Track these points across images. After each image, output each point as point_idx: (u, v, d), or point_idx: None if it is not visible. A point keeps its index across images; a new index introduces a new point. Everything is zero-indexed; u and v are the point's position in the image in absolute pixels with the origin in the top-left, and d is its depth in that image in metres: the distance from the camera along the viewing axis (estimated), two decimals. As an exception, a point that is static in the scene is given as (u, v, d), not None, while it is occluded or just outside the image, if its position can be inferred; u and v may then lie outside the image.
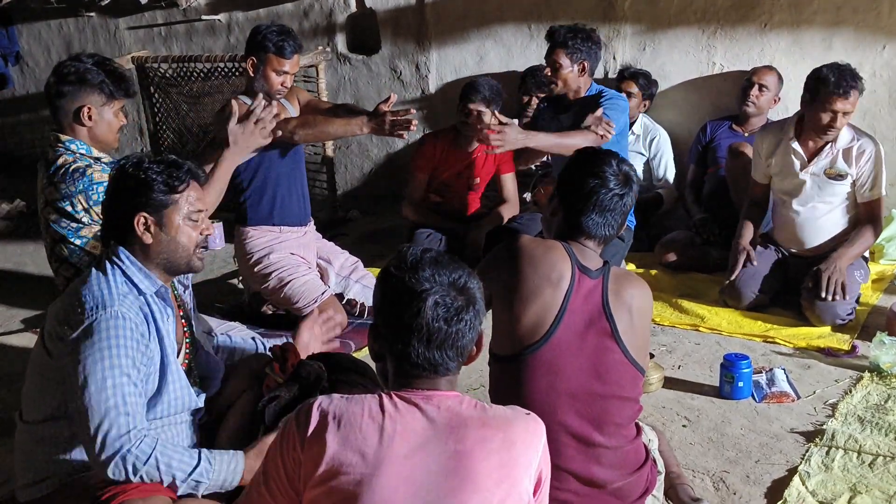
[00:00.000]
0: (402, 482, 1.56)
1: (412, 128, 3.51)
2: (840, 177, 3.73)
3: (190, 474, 2.01)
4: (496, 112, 3.86)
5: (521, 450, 1.64)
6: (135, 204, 2.16)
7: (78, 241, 2.95)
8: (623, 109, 3.95)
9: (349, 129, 3.67)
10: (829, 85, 3.56)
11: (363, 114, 3.67)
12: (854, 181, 3.73)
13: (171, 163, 2.21)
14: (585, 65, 3.96)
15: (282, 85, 3.73)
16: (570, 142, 3.54)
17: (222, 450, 2.14)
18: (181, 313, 2.37)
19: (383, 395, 1.65)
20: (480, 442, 1.60)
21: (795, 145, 3.79)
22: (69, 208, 2.91)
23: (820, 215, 3.81)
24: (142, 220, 2.15)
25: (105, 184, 2.80)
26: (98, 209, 2.85)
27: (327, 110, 3.99)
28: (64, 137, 2.94)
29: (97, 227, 2.93)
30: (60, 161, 2.92)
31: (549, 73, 3.99)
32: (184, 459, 2.01)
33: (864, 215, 3.76)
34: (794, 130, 3.82)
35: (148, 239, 2.16)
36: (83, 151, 2.95)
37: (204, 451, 2.08)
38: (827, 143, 3.73)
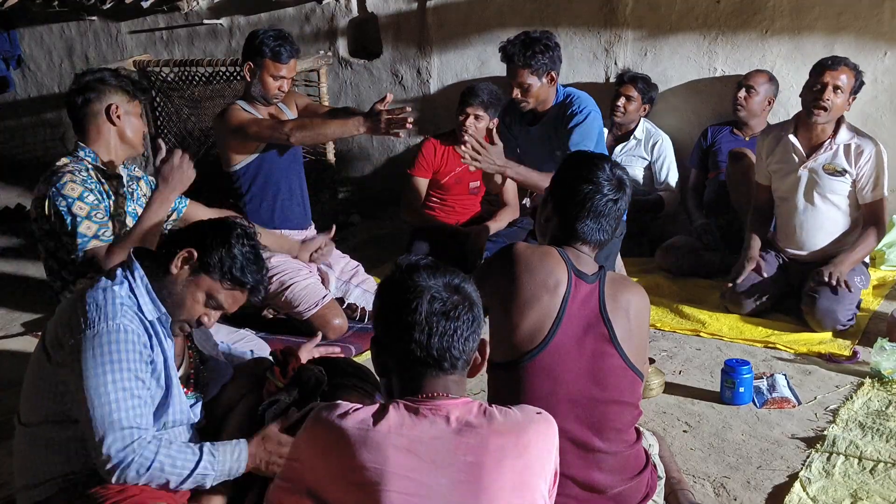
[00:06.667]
0: (413, 498, 1.54)
1: (408, 125, 3.51)
2: (839, 173, 3.73)
3: (194, 470, 2.03)
4: (494, 129, 3.82)
5: (535, 454, 1.64)
6: (196, 243, 2.17)
7: (41, 246, 2.97)
8: (593, 129, 3.87)
9: (346, 129, 3.67)
10: (822, 61, 3.73)
11: (360, 114, 3.68)
12: (854, 181, 3.73)
13: (257, 256, 2.22)
14: (553, 75, 3.89)
15: (279, 89, 3.75)
16: (543, 184, 3.53)
17: (224, 441, 2.16)
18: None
19: (391, 407, 1.62)
20: (493, 451, 1.59)
21: (793, 139, 3.81)
22: (38, 209, 2.91)
23: (821, 214, 3.81)
24: (184, 258, 2.16)
25: (74, 199, 2.83)
26: (56, 221, 2.85)
27: (325, 114, 4.00)
28: (80, 144, 2.96)
29: (48, 242, 2.93)
30: (59, 162, 2.93)
31: (519, 95, 3.87)
32: (187, 457, 2.04)
33: (868, 217, 3.75)
34: (793, 127, 3.84)
35: (174, 270, 2.17)
36: (89, 159, 2.95)
37: (206, 444, 2.10)
38: (826, 139, 3.75)
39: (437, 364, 1.64)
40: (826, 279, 3.62)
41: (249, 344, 3.20)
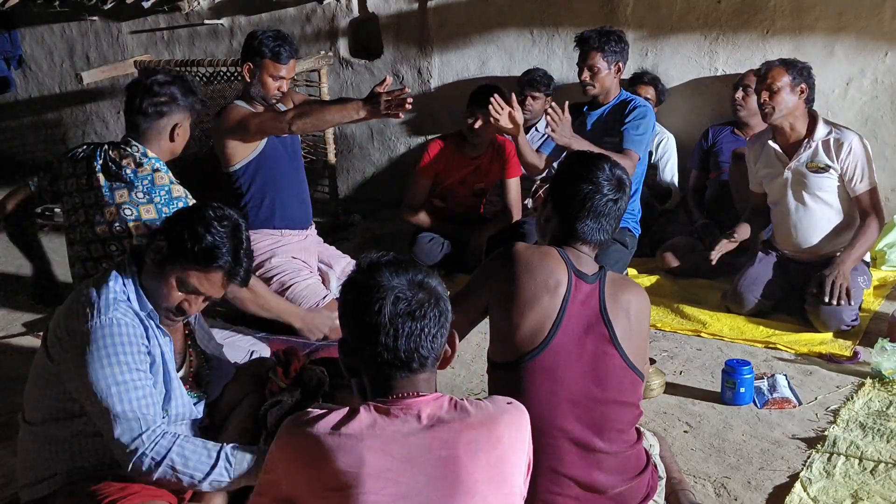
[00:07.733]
0: (390, 498, 1.55)
1: (408, 106, 3.51)
2: (822, 169, 3.73)
3: (207, 475, 2.02)
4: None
5: (508, 445, 1.65)
6: (167, 231, 2.17)
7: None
8: (649, 125, 4.07)
9: (345, 113, 3.63)
10: (755, 72, 3.90)
11: (358, 99, 3.67)
12: (840, 175, 3.72)
13: (232, 237, 2.17)
14: (620, 66, 4.12)
15: (278, 89, 3.75)
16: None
17: (244, 446, 2.14)
18: (186, 331, 2.38)
19: (362, 409, 1.61)
20: (466, 444, 1.59)
21: (773, 144, 3.83)
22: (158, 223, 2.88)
23: (813, 213, 3.80)
24: (156, 247, 2.16)
25: (183, 200, 2.90)
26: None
27: (321, 102, 4.00)
28: (150, 154, 2.94)
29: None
30: (158, 178, 2.93)
31: (588, 78, 4.10)
32: (202, 460, 2.03)
33: (865, 207, 3.73)
34: (772, 133, 3.86)
35: (149, 260, 2.18)
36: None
37: (226, 448, 2.07)
38: (803, 138, 3.75)
39: (406, 365, 1.62)
40: (828, 297, 3.60)
41: (244, 340, 3.20)
